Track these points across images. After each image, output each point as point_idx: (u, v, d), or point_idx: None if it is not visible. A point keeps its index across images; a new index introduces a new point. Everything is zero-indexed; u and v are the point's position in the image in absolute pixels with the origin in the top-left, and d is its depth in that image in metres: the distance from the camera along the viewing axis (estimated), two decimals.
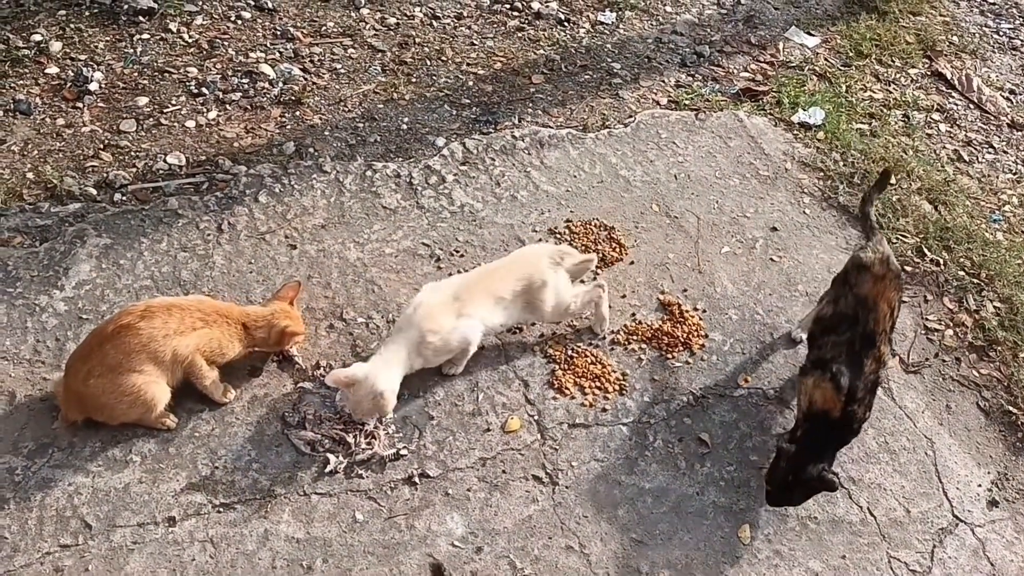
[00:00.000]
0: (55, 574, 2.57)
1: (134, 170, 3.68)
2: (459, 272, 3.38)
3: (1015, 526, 3.11)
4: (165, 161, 3.73)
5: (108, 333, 2.72)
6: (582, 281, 3.37)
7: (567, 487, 2.97)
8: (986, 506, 3.15)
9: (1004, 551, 3.04)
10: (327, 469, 2.88)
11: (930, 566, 2.98)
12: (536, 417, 3.12)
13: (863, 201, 3.30)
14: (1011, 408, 3.40)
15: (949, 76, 4.86)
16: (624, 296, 3.50)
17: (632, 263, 3.63)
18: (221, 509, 2.76)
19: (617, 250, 3.65)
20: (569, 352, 3.30)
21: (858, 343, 2.91)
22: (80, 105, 3.93)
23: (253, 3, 4.48)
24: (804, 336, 3.32)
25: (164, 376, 2.78)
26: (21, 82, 3.98)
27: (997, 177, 4.39)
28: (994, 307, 3.72)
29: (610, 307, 3.38)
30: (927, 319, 3.66)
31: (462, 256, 3.53)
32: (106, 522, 2.69)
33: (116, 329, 2.71)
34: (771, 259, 3.74)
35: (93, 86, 3.99)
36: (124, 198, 3.56)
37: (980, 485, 3.20)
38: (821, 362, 2.95)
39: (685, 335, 3.41)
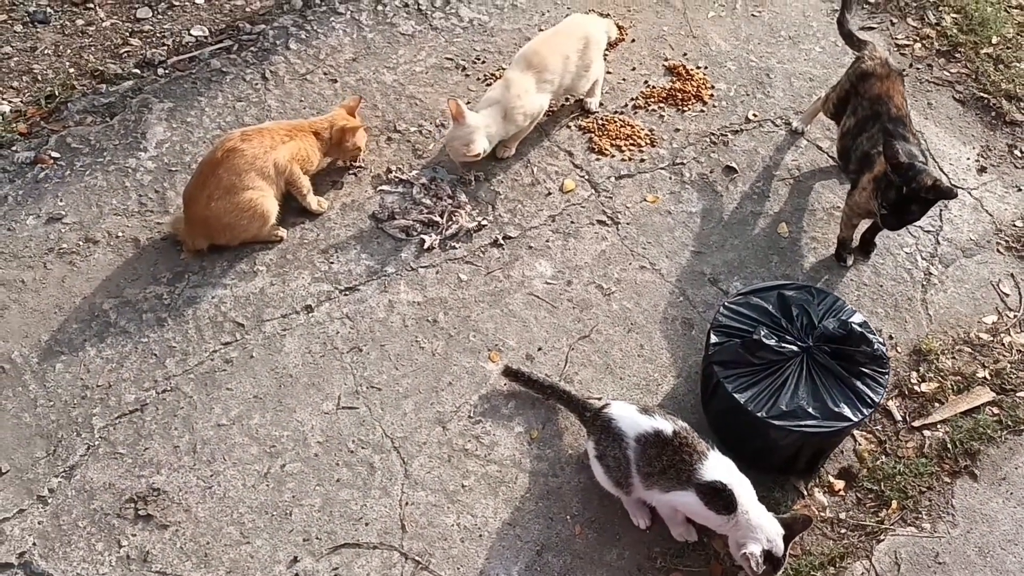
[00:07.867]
0: (226, 365, 3.00)
1: (166, 47, 3.95)
2: (485, 78, 3.80)
3: (1003, 184, 3.65)
4: (191, 34, 4.01)
5: (218, 159, 3.07)
6: None
7: (628, 223, 3.43)
8: (976, 173, 3.69)
9: (998, 203, 3.59)
10: (425, 247, 3.30)
11: (940, 225, 3.51)
12: (586, 177, 3.56)
13: (839, 24, 3.44)
14: (982, 94, 3.91)
15: None
16: (634, 69, 3.91)
17: (633, 41, 4.02)
18: (347, 292, 3.18)
19: (617, 32, 4.03)
20: (599, 121, 3.72)
21: (891, 126, 3.02)
22: (91, 5, 4.15)
23: None
24: (805, 128, 3.68)
25: (272, 188, 3.16)
26: None
27: None
28: (952, 18, 4.19)
29: (623, 80, 3.81)
30: (896, 39, 4.12)
31: (484, 63, 3.89)
32: (254, 319, 3.10)
33: (224, 154, 3.07)
34: (752, 15, 4.16)
35: None
36: (167, 71, 3.85)
37: (968, 158, 3.72)
38: (866, 157, 3.07)
39: (695, 89, 3.85)
